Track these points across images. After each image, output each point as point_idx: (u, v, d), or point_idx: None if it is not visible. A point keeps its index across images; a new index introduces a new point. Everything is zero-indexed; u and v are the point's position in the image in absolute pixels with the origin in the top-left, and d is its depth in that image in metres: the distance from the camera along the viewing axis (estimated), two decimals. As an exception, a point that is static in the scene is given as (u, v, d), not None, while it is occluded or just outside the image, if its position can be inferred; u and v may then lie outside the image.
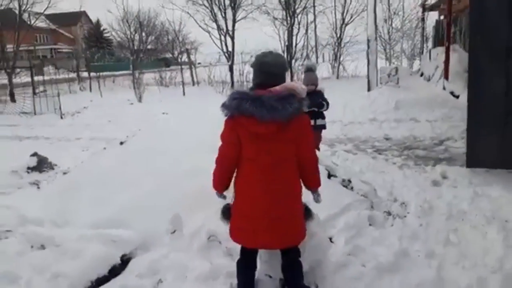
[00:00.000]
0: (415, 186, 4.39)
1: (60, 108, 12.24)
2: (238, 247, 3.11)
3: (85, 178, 4.35)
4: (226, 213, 2.68)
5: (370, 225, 3.47)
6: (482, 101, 4.45)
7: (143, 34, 25.80)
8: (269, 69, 2.33)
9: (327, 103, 5.02)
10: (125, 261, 3.10)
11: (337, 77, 19.26)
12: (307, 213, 2.68)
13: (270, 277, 2.87)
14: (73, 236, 3.26)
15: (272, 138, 2.31)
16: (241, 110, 2.26)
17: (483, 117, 4.49)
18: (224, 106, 2.36)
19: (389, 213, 3.77)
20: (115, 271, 2.98)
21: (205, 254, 3.13)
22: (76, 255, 2.99)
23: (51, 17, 34.95)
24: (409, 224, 3.55)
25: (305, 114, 2.39)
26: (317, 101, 4.91)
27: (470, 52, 4.53)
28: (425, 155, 5.70)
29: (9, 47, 17.75)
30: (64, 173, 5.28)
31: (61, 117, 12.01)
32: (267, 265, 2.83)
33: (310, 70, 5.14)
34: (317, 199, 2.67)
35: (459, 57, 10.30)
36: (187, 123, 5.55)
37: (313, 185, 2.60)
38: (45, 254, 3.09)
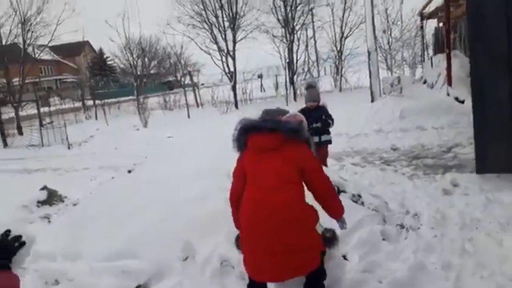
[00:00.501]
0: (426, 196, 4.35)
1: (67, 138, 12.36)
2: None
3: (94, 209, 4.37)
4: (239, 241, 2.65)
5: (383, 239, 3.43)
6: (487, 106, 4.44)
7: (146, 59, 26.22)
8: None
9: (332, 120, 5.06)
10: (137, 291, 3.07)
11: (340, 90, 19.33)
12: (332, 240, 2.63)
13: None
14: (86, 269, 3.26)
15: (273, 156, 2.38)
16: (247, 127, 2.45)
17: (489, 122, 4.47)
18: (234, 139, 2.58)
19: (402, 226, 3.72)
20: (128, 302, 2.96)
21: (218, 279, 3.10)
22: (89, 289, 2.98)
23: (55, 49, 35.60)
24: (423, 236, 3.50)
25: (306, 143, 2.49)
26: (320, 117, 4.95)
27: (471, 59, 4.54)
28: (434, 164, 5.66)
29: (15, 81, 18.10)
30: (74, 205, 5.31)
31: (69, 148, 12.12)
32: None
33: (310, 87, 5.21)
34: (342, 226, 2.63)
35: (460, 62, 10.31)
36: (193, 147, 5.61)
37: (335, 213, 2.57)
38: (59, 290, 3.09)
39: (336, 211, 2.57)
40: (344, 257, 3.15)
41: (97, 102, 22.21)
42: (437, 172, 5.17)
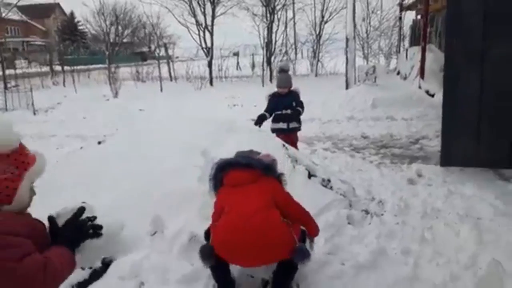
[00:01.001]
0: (392, 185, 4.50)
1: (32, 104, 11.91)
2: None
3: (61, 178, 4.25)
4: (206, 255, 2.58)
5: (349, 223, 3.55)
6: (457, 102, 4.59)
7: (119, 27, 25.31)
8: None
9: (302, 107, 5.01)
10: (106, 263, 3.05)
11: (316, 75, 19.42)
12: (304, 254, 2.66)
13: (252, 277, 2.90)
14: (51, 238, 3.20)
15: (249, 188, 2.59)
16: (222, 165, 2.70)
17: (457, 118, 4.63)
18: (211, 177, 2.81)
19: (367, 212, 3.86)
20: (96, 274, 2.94)
21: (186, 255, 3.12)
22: (54, 258, 2.94)
23: (23, 9, 33.82)
24: (386, 222, 3.64)
25: (277, 180, 2.73)
26: (291, 104, 4.91)
27: (445, 55, 4.66)
28: (401, 154, 5.84)
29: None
30: (39, 173, 5.15)
31: (34, 113, 11.69)
32: (248, 266, 2.85)
33: (282, 71, 5.13)
34: (311, 246, 2.75)
35: (434, 56, 10.57)
36: (166, 122, 5.51)
37: (311, 233, 2.76)
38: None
39: (312, 232, 2.77)
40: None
41: (66, 68, 21.35)
42: (404, 162, 5.35)
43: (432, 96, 9.06)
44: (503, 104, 4.42)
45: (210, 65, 18.62)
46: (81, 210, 1.67)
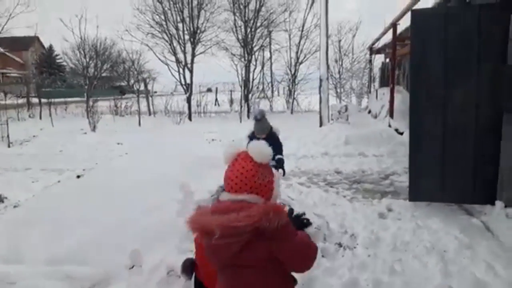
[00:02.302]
0: (364, 219, 4.68)
1: (8, 136, 11.73)
2: (197, 281, 3.20)
3: (38, 212, 4.25)
4: (187, 268, 2.61)
5: (322, 256, 3.69)
6: (422, 141, 4.89)
7: (99, 62, 25.43)
8: None
9: (281, 150, 4.83)
10: (82, 297, 3.07)
11: (292, 112, 19.95)
12: None
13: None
14: (28, 273, 3.20)
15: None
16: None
17: (422, 156, 4.91)
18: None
19: (340, 245, 4.01)
20: (73, 308, 2.96)
21: (164, 288, 3.17)
22: (31, 293, 2.94)
23: (1, 41, 33.56)
24: (358, 255, 3.79)
25: None
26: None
27: (410, 98, 4.98)
28: (372, 189, 6.08)
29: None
30: (15, 206, 5.11)
31: (9, 146, 11.49)
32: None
33: (257, 120, 4.79)
34: None
35: (402, 97, 11.15)
36: (145, 157, 5.61)
37: None
38: (-2, 292, 3.01)
39: None
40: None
41: (43, 100, 21.16)
42: (375, 197, 5.57)
43: (401, 134, 9.49)
44: (465, 145, 4.75)
45: (189, 100, 18.88)
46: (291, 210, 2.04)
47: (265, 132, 4.76)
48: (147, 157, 5.62)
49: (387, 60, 16.56)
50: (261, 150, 1.80)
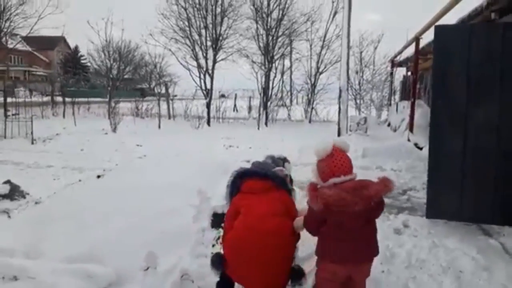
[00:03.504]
0: (379, 234, 4.57)
1: (32, 133, 12.06)
2: (210, 286, 3.25)
3: (59, 209, 4.38)
4: (217, 262, 2.87)
5: (335, 270, 3.67)
6: (441, 158, 4.83)
7: (122, 64, 25.97)
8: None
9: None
10: (98, 296, 3.14)
11: (310, 121, 19.93)
12: (298, 276, 2.84)
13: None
14: (47, 269, 3.28)
15: (264, 195, 2.86)
16: (241, 173, 2.98)
17: (441, 174, 4.84)
18: (229, 184, 3.07)
19: (354, 259, 3.98)
20: (89, 307, 3.03)
21: (178, 292, 3.22)
22: (50, 288, 3.03)
23: (28, 39, 34.60)
24: (372, 270, 3.72)
25: (288, 192, 3.01)
26: None
27: (431, 114, 4.93)
28: (389, 204, 6.00)
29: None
30: (36, 203, 5.26)
31: (32, 143, 11.81)
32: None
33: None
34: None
35: (423, 112, 11.01)
36: (164, 161, 5.70)
37: None
38: (19, 286, 3.10)
39: None
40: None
41: (67, 99, 21.71)
42: (391, 212, 5.51)
43: (421, 149, 9.36)
44: (485, 164, 4.67)
45: (208, 106, 19.07)
46: None
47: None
48: (166, 160, 5.71)
49: (409, 73, 16.41)
50: (345, 142, 2.61)
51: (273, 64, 20.18)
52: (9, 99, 16.91)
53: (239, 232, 2.72)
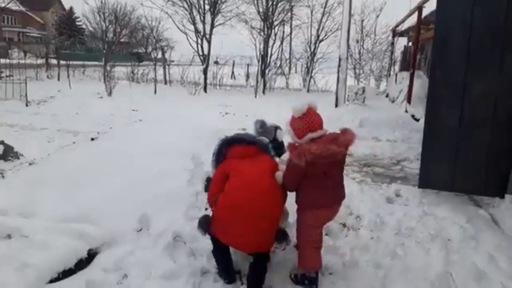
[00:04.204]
0: (371, 202, 4.69)
1: (26, 95, 11.92)
2: (202, 248, 3.31)
3: (53, 171, 4.39)
4: (204, 223, 2.97)
5: (326, 234, 3.73)
6: (436, 130, 4.82)
7: (118, 27, 25.38)
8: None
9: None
10: (91, 255, 3.19)
11: (308, 90, 19.75)
12: (283, 237, 2.96)
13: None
14: (40, 228, 3.32)
15: (251, 159, 2.96)
16: (228, 141, 3.05)
17: (436, 144, 4.85)
18: (216, 151, 3.10)
19: (344, 225, 4.05)
20: (81, 265, 3.08)
21: (169, 253, 3.28)
22: (43, 246, 3.06)
23: (22, 0, 33.69)
24: (362, 236, 3.83)
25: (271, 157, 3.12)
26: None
27: (430, 84, 4.87)
28: (382, 173, 6.05)
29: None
30: (30, 164, 5.25)
31: (27, 105, 11.70)
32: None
33: (260, 133, 4.52)
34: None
35: (422, 83, 10.91)
36: (158, 126, 5.68)
37: None
38: (12, 244, 3.12)
39: None
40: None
41: (62, 62, 21.34)
42: (384, 182, 5.56)
43: (417, 120, 9.35)
44: (480, 136, 4.68)
45: (205, 72, 18.81)
46: None
47: (270, 139, 4.80)
48: (161, 125, 5.69)
49: (410, 43, 16.16)
50: (315, 102, 2.94)
51: (273, 31, 19.76)
52: (2, 60, 16.60)
53: (234, 192, 2.78)
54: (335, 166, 2.89)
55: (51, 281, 2.86)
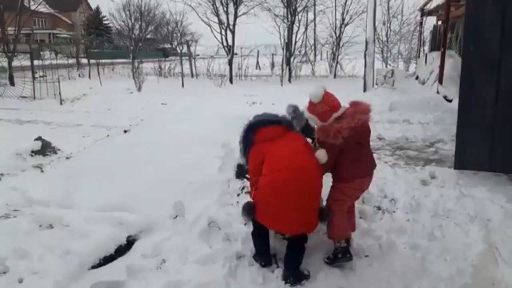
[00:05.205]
0: (405, 184, 4.60)
1: (60, 93, 12.32)
2: (236, 233, 3.35)
3: (89, 163, 4.53)
4: (248, 209, 2.92)
5: (360, 218, 3.70)
6: (472, 107, 4.65)
7: (143, 23, 25.77)
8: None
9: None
10: (130, 242, 3.29)
11: (334, 76, 19.47)
12: (325, 214, 2.94)
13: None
14: (80, 217, 3.45)
15: (282, 139, 2.94)
16: (254, 125, 3.02)
17: (472, 123, 4.68)
18: (242, 141, 3.11)
19: (379, 208, 3.99)
20: (121, 251, 3.18)
21: (205, 238, 3.34)
22: (84, 234, 3.18)
23: (51, 2, 34.70)
24: (397, 219, 3.76)
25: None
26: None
27: (463, 61, 4.70)
28: (415, 156, 5.91)
29: (10, 30, 17.75)
30: (67, 158, 5.43)
31: (61, 103, 12.10)
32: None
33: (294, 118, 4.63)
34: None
35: (453, 62, 10.53)
36: (188, 116, 5.74)
37: None
38: (54, 233, 3.27)
39: None
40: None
41: (91, 61, 21.95)
42: (418, 164, 5.43)
43: (450, 101, 9.05)
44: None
45: (230, 63, 18.85)
46: None
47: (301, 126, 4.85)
48: (190, 116, 5.75)
49: (439, 22, 15.56)
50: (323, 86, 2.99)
51: (296, 17, 19.54)
52: (35, 62, 17.19)
53: (273, 174, 2.77)
54: (365, 134, 3.07)
55: (93, 267, 2.97)
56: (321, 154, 2.89)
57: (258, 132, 2.97)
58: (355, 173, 3.01)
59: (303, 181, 2.73)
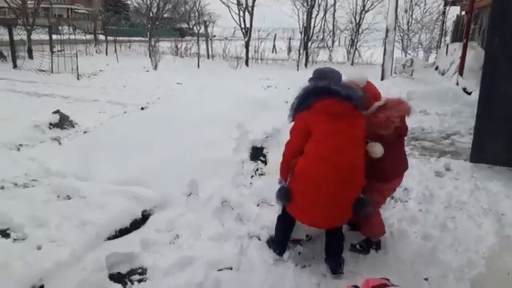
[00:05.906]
0: (419, 175, 4.56)
1: (77, 68, 12.44)
2: (248, 214, 3.38)
3: (106, 138, 4.59)
4: (284, 195, 2.70)
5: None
6: (492, 101, 4.57)
7: (161, 2, 25.64)
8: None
9: None
10: (145, 216, 3.36)
11: (352, 64, 19.22)
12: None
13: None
14: (97, 189, 3.52)
15: (344, 120, 2.54)
16: (318, 91, 2.55)
17: (491, 116, 4.61)
18: (299, 97, 2.64)
19: (392, 197, 3.97)
20: (136, 224, 3.25)
21: (218, 216, 3.38)
22: (101, 206, 3.25)
23: (69, -23, 34.63)
24: (410, 208, 3.75)
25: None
26: None
27: (486, 52, 4.62)
28: (431, 147, 5.85)
29: (29, 3, 17.86)
30: (84, 132, 5.51)
31: (78, 78, 12.23)
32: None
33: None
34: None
35: (475, 54, 10.29)
36: (203, 97, 5.74)
37: None
38: (72, 204, 3.35)
39: None
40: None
41: (109, 38, 22.01)
42: (433, 155, 5.38)
43: (469, 94, 8.88)
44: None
45: (247, 45, 18.72)
46: None
47: None
48: (205, 97, 5.75)
49: (463, 12, 15.17)
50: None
51: (316, 1, 19.23)
52: (54, 36, 17.31)
53: (317, 163, 2.52)
54: (404, 124, 2.92)
55: (109, 238, 3.04)
56: (377, 148, 2.67)
57: (321, 99, 2.52)
58: (396, 171, 2.93)
59: (341, 181, 2.51)
